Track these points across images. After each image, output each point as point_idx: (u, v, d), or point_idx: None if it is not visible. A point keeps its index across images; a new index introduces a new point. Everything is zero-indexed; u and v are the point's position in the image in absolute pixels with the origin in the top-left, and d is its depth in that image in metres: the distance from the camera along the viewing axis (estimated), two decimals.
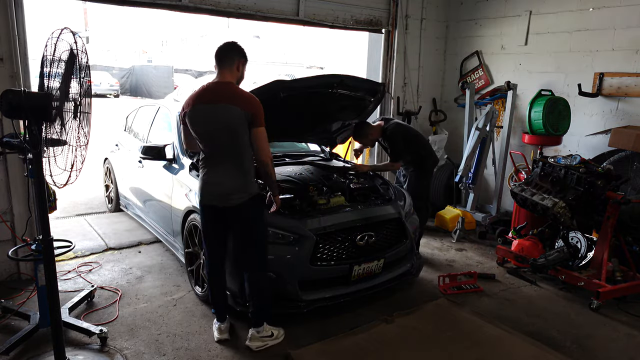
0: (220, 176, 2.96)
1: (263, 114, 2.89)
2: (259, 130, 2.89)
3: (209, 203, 3.05)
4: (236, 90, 2.91)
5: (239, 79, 3.01)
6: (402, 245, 3.79)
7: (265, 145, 2.92)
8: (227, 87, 2.90)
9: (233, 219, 3.05)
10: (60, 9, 29.80)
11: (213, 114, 2.87)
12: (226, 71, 2.94)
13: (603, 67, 5.06)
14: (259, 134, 2.89)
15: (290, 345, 3.13)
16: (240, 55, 2.97)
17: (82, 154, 2.45)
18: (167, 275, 4.24)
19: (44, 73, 2.41)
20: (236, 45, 2.99)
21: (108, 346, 3.10)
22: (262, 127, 2.90)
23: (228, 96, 2.85)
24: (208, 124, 2.91)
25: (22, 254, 3.30)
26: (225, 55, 2.94)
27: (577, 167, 4.18)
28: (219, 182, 2.97)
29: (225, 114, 2.84)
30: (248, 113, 2.83)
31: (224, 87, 2.90)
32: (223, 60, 2.94)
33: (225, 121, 2.85)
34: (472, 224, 5.74)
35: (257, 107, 2.87)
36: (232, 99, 2.84)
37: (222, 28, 32.23)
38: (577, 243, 4.38)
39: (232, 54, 2.95)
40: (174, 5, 4.65)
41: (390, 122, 4.64)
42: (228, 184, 2.95)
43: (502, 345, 3.24)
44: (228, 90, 2.89)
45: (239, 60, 2.96)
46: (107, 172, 6.14)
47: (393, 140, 4.53)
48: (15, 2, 3.77)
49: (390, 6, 6.09)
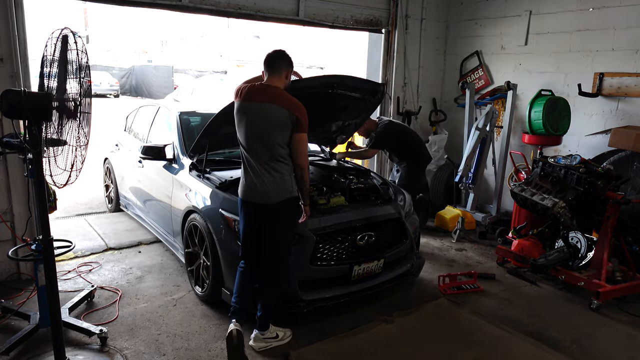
0: (259, 174, 2.99)
1: (306, 121, 2.96)
2: (302, 136, 2.97)
3: (248, 199, 3.07)
4: (284, 93, 2.99)
5: (285, 86, 3.08)
6: (402, 245, 3.79)
7: (305, 150, 3.01)
8: (276, 90, 2.98)
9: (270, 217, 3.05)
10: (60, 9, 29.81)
11: (256, 111, 2.95)
12: (275, 77, 3.02)
13: (603, 67, 5.06)
14: (302, 139, 2.98)
15: (290, 346, 3.13)
16: (289, 65, 3.07)
17: (82, 154, 2.45)
18: (167, 275, 4.24)
19: (44, 73, 2.41)
20: (285, 54, 3.08)
21: (108, 346, 3.10)
22: (305, 133, 2.98)
23: (277, 98, 2.93)
24: (250, 122, 2.97)
25: (22, 254, 3.31)
26: (275, 62, 3.03)
27: (577, 167, 4.18)
28: (259, 181, 2.99)
29: (273, 114, 2.91)
30: (294, 116, 2.90)
31: (272, 90, 2.98)
32: (273, 67, 3.02)
33: (272, 120, 2.92)
34: (472, 224, 5.74)
35: (304, 113, 2.94)
36: (281, 101, 2.92)
37: (222, 28, 32.24)
38: (577, 243, 4.37)
39: (282, 62, 3.04)
40: (174, 5, 4.65)
41: (385, 119, 5.08)
42: (268, 184, 2.98)
43: (502, 345, 3.24)
44: (276, 92, 2.97)
45: (287, 70, 3.05)
46: (107, 172, 6.14)
47: (381, 131, 4.87)
48: (15, 2, 3.77)
49: (390, 6, 6.09)
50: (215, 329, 3.36)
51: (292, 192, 3.04)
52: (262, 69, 3.09)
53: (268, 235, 3.09)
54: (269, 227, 3.07)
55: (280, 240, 3.09)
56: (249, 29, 32.06)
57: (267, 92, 2.97)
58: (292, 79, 3.24)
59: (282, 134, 2.94)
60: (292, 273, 3.27)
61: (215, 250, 3.43)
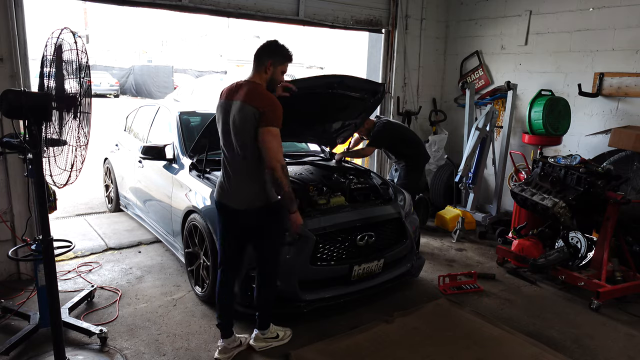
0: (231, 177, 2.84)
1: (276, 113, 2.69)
2: (267, 131, 2.67)
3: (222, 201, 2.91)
4: (254, 89, 2.75)
5: (269, 81, 2.85)
6: (402, 245, 3.79)
7: (273, 148, 2.67)
8: (248, 87, 2.77)
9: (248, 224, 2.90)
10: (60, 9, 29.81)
11: (228, 111, 2.80)
12: (254, 72, 2.83)
13: (603, 67, 5.06)
14: (266, 134, 2.67)
15: (290, 345, 3.13)
16: (269, 56, 2.81)
17: (82, 154, 2.45)
18: (167, 275, 4.24)
19: (44, 73, 2.41)
20: (269, 44, 2.84)
21: (108, 346, 3.10)
22: (272, 127, 2.68)
23: (244, 95, 2.73)
24: (224, 122, 2.83)
25: (22, 254, 3.31)
26: (256, 55, 2.83)
27: (577, 167, 4.18)
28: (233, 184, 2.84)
29: (240, 112, 2.72)
30: (255, 109, 2.66)
31: (245, 87, 2.78)
32: (255, 59, 2.84)
33: (236, 119, 2.74)
34: (472, 224, 5.74)
35: (270, 105, 2.68)
36: (247, 97, 2.71)
37: (222, 28, 32.22)
38: (577, 243, 4.37)
39: (262, 54, 2.81)
40: (174, 5, 4.65)
41: (383, 118, 5.10)
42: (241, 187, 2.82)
43: (502, 345, 3.24)
44: (247, 89, 2.76)
45: (268, 61, 2.80)
46: (107, 172, 6.14)
47: (378, 130, 4.88)
48: (15, 2, 3.77)
49: (390, 6, 6.09)
50: (215, 329, 3.35)
51: (268, 199, 2.83)
52: None
53: (253, 242, 2.97)
54: (251, 233, 2.93)
55: (265, 246, 2.98)
56: (249, 29, 32.03)
57: (239, 89, 2.78)
58: (291, 79, 3.21)
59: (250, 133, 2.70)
60: (292, 273, 3.27)
61: (215, 250, 3.43)
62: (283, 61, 2.87)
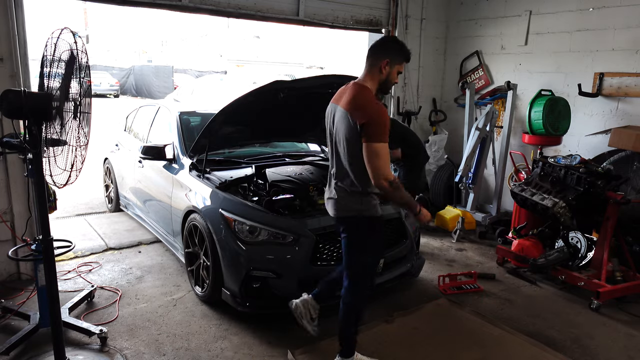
0: (331, 184, 2.69)
1: (380, 128, 2.40)
2: (368, 146, 2.40)
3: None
4: (359, 94, 2.50)
5: (383, 83, 2.57)
6: (402, 245, 3.79)
7: (375, 165, 2.40)
8: (353, 90, 2.53)
9: (342, 230, 2.71)
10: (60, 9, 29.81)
11: (333, 115, 2.63)
12: (365, 71, 2.57)
13: (603, 67, 5.06)
14: (366, 150, 2.41)
15: (290, 345, 3.13)
16: (386, 53, 2.52)
17: (82, 154, 2.45)
18: (167, 275, 4.24)
19: (44, 73, 2.41)
20: (387, 40, 2.62)
21: (108, 346, 3.10)
22: (375, 142, 2.39)
23: (348, 100, 2.50)
24: (329, 127, 2.67)
25: (22, 254, 3.31)
26: (371, 52, 2.56)
27: (577, 167, 4.18)
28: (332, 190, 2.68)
29: (341, 119, 2.52)
30: (358, 123, 2.40)
31: (350, 89, 2.56)
32: (368, 58, 2.56)
33: (338, 126, 2.54)
34: (472, 224, 5.74)
35: (370, 116, 2.40)
36: (349, 104, 2.48)
37: (222, 28, 32.23)
38: (577, 243, 4.37)
39: (378, 51, 2.54)
40: (174, 5, 4.65)
41: None
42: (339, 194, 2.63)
43: (502, 345, 3.24)
44: (352, 93, 2.52)
45: (384, 59, 2.51)
46: (107, 172, 6.14)
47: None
48: (15, 2, 3.77)
49: (390, 6, 6.09)
50: (215, 329, 3.36)
51: (359, 210, 2.57)
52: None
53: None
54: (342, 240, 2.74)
55: (348, 256, 2.69)
56: (249, 29, 32.05)
57: (345, 93, 2.56)
58: (291, 79, 3.20)
59: (353, 145, 2.47)
60: (292, 273, 3.27)
61: (215, 250, 3.43)
62: (401, 60, 2.57)
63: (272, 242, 3.30)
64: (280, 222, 3.36)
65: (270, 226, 3.32)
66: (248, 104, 3.62)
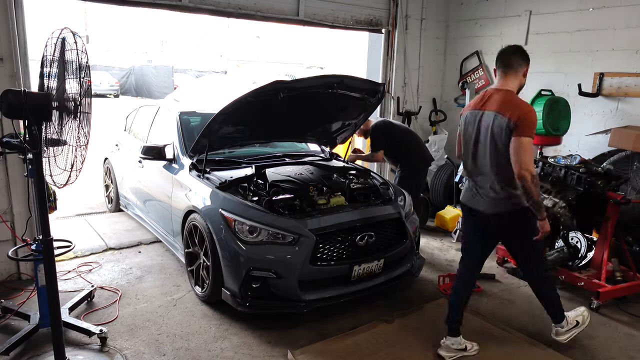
0: (482, 186, 2.95)
1: (531, 123, 2.73)
2: (518, 140, 2.70)
3: (470, 206, 3.04)
4: (509, 97, 2.81)
5: (521, 87, 2.95)
6: (402, 245, 3.79)
7: (523, 157, 2.69)
8: (501, 94, 2.84)
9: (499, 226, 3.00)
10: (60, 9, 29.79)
11: (478, 121, 2.88)
12: (505, 78, 2.89)
13: (603, 67, 5.06)
14: (516, 144, 2.71)
15: (290, 345, 3.13)
16: (525, 60, 2.90)
17: (82, 154, 2.45)
18: (167, 275, 4.24)
19: (44, 73, 2.42)
20: (521, 48, 2.91)
21: (108, 346, 3.10)
22: (524, 137, 2.69)
23: (499, 103, 2.80)
24: (474, 131, 2.91)
25: (22, 254, 3.30)
26: (509, 60, 2.88)
27: (577, 167, 4.18)
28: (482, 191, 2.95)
29: (492, 121, 2.79)
30: (512, 121, 2.70)
31: (496, 94, 2.86)
32: (505, 65, 2.88)
33: (490, 129, 2.81)
34: None
35: (524, 114, 2.71)
36: (501, 106, 2.78)
37: (222, 28, 32.25)
38: (577, 243, 4.37)
39: (517, 58, 2.87)
40: (174, 5, 4.65)
41: (379, 119, 5.05)
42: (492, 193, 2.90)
43: (502, 345, 3.24)
44: (501, 97, 2.82)
45: (525, 66, 2.90)
46: (107, 172, 6.14)
47: (373, 132, 4.89)
48: (15, 2, 3.77)
49: (390, 6, 6.09)
50: (215, 329, 3.36)
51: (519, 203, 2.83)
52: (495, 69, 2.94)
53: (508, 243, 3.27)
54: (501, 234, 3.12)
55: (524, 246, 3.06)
56: (249, 29, 32.05)
57: (490, 99, 2.88)
58: (291, 79, 3.22)
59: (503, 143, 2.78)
60: (292, 273, 3.27)
61: (215, 250, 3.43)
62: (529, 64, 2.96)
63: (272, 242, 3.30)
64: (280, 222, 3.36)
65: (270, 226, 3.32)
66: (248, 104, 3.62)
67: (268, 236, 3.31)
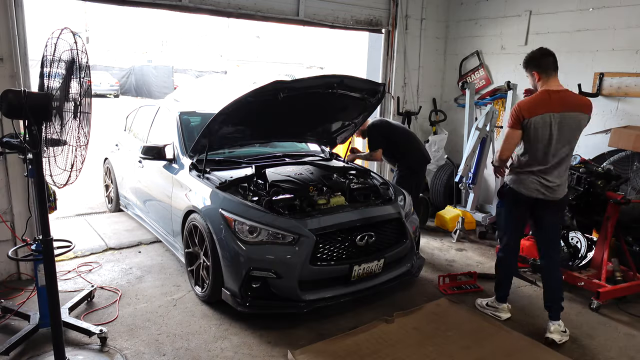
0: (558, 178, 3.27)
1: None
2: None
3: (538, 197, 3.28)
4: (576, 95, 3.40)
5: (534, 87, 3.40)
6: (402, 245, 3.79)
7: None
8: (572, 94, 3.31)
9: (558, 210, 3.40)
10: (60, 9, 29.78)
11: (556, 123, 3.18)
12: (556, 78, 3.31)
13: (603, 67, 5.06)
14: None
15: (290, 346, 3.13)
16: None
17: (82, 154, 2.45)
18: (167, 275, 4.24)
19: (44, 73, 2.41)
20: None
21: (108, 346, 3.10)
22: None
23: (579, 103, 3.25)
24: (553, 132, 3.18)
25: (22, 254, 3.30)
26: (557, 62, 3.31)
27: (577, 167, 4.18)
28: (558, 182, 3.27)
29: (576, 120, 3.21)
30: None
31: (570, 95, 3.26)
32: (556, 68, 3.31)
33: (570, 127, 3.20)
34: (472, 224, 5.74)
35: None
36: (582, 106, 3.24)
37: (222, 28, 32.25)
38: (577, 243, 4.37)
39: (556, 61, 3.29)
40: (174, 5, 4.65)
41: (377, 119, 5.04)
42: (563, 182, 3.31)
43: (502, 345, 3.24)
44: (575, 97, 3.30)
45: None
46: (107, 172, 6.14)
47: (370, 132, 4.89)
48: (15, 2, 3.77)
49: (390, 6, 6.09)
50: (215, 329, 3.36)
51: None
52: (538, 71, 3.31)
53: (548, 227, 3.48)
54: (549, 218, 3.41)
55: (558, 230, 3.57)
56: (249, 29, 32.05)
57: (567, 98, 3.28)
58: (291, 79, 3.21)
59: (576, 137, 3.31)
60: (292, 273, 3.27)
61: (215, 250, 3.43)
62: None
63: (272, 242, 3.30)
64: (280, 222, 3.36)
65: (270, 226, 3.32)
66: (248, 104, 3.62)
67: (268, 236, 3.31)
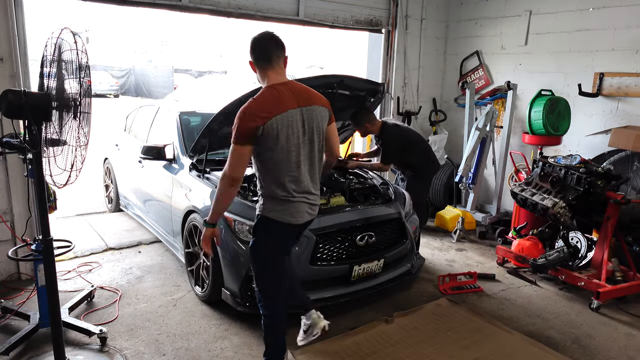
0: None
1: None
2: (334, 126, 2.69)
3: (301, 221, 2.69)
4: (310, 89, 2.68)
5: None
6: (402, 245, 3.79)
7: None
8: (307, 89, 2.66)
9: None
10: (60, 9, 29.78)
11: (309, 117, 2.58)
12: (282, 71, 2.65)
13: (603, 67, 5.06)
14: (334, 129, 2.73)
15: (290, 346, 3.13)
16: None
17: (82, 154, 2.45)
18: (167, 275, 4.24)
19: (44, 73, 2.41)
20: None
21: (108, 346, 3.10)
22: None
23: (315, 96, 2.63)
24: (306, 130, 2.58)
25: (22, 254, 3.30)
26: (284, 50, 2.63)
27: (577, 167, 4.18)
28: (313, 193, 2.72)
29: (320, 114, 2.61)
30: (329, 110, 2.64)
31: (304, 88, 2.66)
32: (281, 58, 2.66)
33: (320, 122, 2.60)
34: (472, 224, 5.74)
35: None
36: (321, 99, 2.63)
37: (222, 28, 32.21)
38: (577, 243, 4.37)
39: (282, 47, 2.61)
40: (174, 5, 4.65)
41: (390, 123, 4.57)
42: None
43: (502, 345, 3.24)
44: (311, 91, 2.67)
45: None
46: (107, 172, 6.14)
47: (389, 143, 4.44)
48: (15, 2, 3.77)
49: (390, 6, 6.09)
50: (215, 329, 3.36)
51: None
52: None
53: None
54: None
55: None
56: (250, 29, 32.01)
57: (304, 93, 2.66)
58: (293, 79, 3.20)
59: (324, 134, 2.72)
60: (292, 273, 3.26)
61: (215, 250, 3.43)
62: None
63: None
64: None
65: None
66: None
67: None
